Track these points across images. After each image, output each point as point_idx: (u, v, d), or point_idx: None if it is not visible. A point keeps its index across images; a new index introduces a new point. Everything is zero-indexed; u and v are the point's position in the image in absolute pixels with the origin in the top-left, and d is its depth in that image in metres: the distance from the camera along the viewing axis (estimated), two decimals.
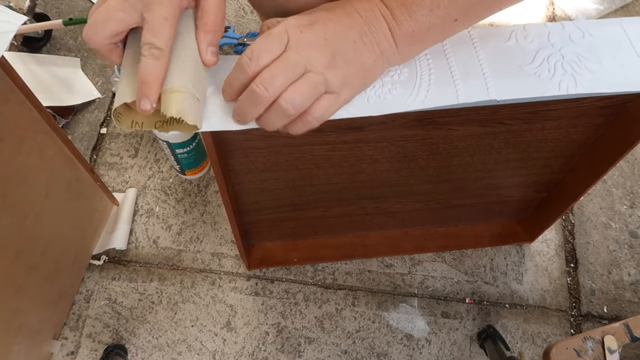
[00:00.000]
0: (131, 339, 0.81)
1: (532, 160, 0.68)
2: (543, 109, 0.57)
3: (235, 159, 0.59)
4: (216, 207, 0.92)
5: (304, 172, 0.64)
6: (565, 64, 0.45)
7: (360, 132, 0.57)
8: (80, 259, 0.84)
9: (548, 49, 0.46)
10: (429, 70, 0.45)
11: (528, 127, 0.60)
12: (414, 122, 0.57)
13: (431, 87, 0.44)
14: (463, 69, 0.45)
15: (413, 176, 0.69)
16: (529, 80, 0.45)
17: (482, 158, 0.66)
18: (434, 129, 0.59)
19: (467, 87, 0.44)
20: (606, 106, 0.57)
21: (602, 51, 0.46)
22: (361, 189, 0.70)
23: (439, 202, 0.77)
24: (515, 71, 0.45)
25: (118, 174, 0.95)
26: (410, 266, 0.88)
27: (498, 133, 0.61)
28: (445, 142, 0.61)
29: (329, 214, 0.77)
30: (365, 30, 0.40)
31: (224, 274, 0.87)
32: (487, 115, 0.57)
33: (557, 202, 0.77)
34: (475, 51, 0.46)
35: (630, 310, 0.86)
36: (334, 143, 0.59)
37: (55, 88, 0.97)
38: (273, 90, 0.38)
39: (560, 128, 0.61)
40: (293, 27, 0.39)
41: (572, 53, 0.46)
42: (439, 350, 0.82)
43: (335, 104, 0.41)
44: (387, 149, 0.61)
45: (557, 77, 0.45)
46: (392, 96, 0.44)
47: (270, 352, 0.81)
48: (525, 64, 0.45)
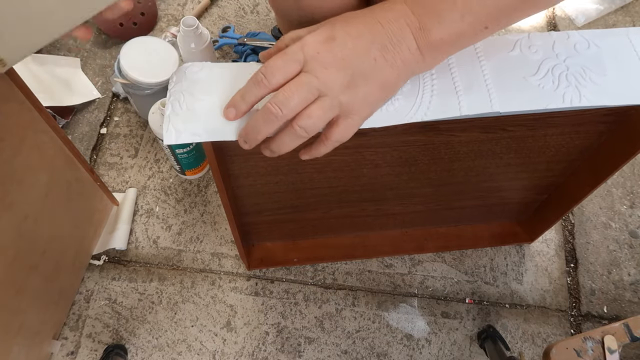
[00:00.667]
0: (131, 339, 0.81)
1: (534, 164, 0.68)
2: (546, 116, 0.57)
3: (235, 164, 0.59)
4: (216, 207, 0.92)
5: (304, 175, 0.64)
6: (569, 76, 0.45)
7: (361, 137, 0.57)
8: (80, 259, 0.84)
9: (552, 60, 0.46)
10: (431, 81, 0.44)
11: (531, 134, 0.60)
12: (415, 129, 0.56)
13: (434, 99, 0.43)
14: (466, 80, 0.44)
15: (414, 180, 0.69)
16: (533, 92, 0.44)
17: (484, 162, 0.66)
18: (435, 135, 0.58)
19: (470, 99, 0.43)
20: (609, 114, 0.57)
21: (607, 62, 0.46)
22: (362, 192, 0.70)
23: (439, 204, 0.77)
24: (519, 83, 0.44)
25: (118, 174, 0.95)
26: (410, 266, 0.88)
27: (500, 139, 0.60)
28: (447, 147, 0.61)
29: (329, 215, 0.77)
30: (387, 44, 0.38)
31: (224, 274, 0.87)
32: (490, 122, 0.57)
33: (558, 205, 0.77)
34: (479, 62, 0.45)
35: (630, 310, 0.86)
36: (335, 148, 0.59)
37: (55, 88, 0.97)
38: (287, 111, 0.38)
39: (562, 134, 0.61)
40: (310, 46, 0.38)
41: (576, 64, 0.45)
42: (439, 351, 0.82)
43: (353, 125, 0.41)
44: (388, 154, 0.61)
45: (561, 89, 0.44)
46: (394, 108, 0.43)
47: (270, 352, 0.81)
48: (529, 75, 0.45)
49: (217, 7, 1.16)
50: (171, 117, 0.43)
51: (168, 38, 1.04)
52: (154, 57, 0.85)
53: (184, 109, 0.43)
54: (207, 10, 1.15)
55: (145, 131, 0.99)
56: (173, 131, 0.42)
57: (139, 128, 1.00)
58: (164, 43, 0.87)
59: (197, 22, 0.86)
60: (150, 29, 1.10)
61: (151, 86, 0.85)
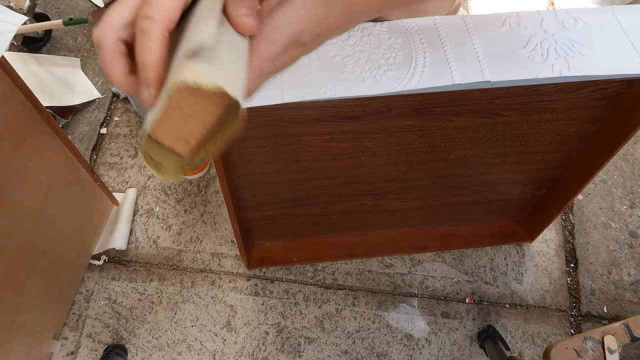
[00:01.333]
0: (131, 339, 0.81)
1: (530, 154, 0.68)
2: (538, 100, 0.57)
3: (234, 149, 0.59)
4: (216, 207, 0.93)
5: (303, 164, 0.64)
6: (558, 49, 0.46)
7: (358, 121, 0.57)
8: (80, 259, 0.84)
9: (541, 35, 0.47)
10: (424, 53, 0.45)
11: (525, 119, 0.61)
12: (410, 112, 0.57)
13: (426, 69, 0.44)
14: (458, 52, 0.45)
15: (411, 171, 0.69)
16: (523, 63, 0.45)
17: (480, 152, 0.66)
18: (430, 120, 0.59)
19: (462, 69, 0.44)
20: (601, 98, 0.58)
21: (594, 37, 0.47)
22: (360, 184, 0.71)
23: (438, 199, 0.78)
24: (509, 54, 0.45)
25: (118, 174, 0.95)
26: (410, 266, 0.88)
27: (495, 125, 0.61)
28: (442, 134, 0.62)
29: (329, 211, 0.77)
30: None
31: (224, 274, 0.87)
32: (484, 106, 0.57)
33: (556, 200, 0.77)
34: (469, 36, 0.46)
35: (630, 310, 0.86)
36: (332, 133, 0.59)
37: (55, 88, 0.97)
38: None
39: (556, 120, 0.61)
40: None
41: (564, 38, 0.47)
42: (439, 350, 0.82)
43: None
44: (385, 141, 0.62)
45: (550, 60, 0.45)
46: (387, 77, 0.44)
47: (270, 352, 0.81)
48: (519, 48, 0.46)
49: None
50: None
51: None
52: None
53: None
54: None
55: None
56: None
57: (139, 128, 1.00)
58: None
59: None
60: None
61: None
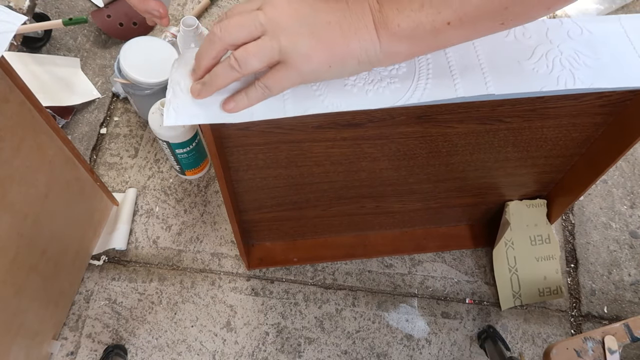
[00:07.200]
0: (131, 339, 0.81)
1: (532, 159, 0.68)
2: (542, 107, 0.57)
3: (234, 156, 0.59)
4: (216, 207, 0.92)
5: (303, 169, 0.64)
6: (563, 60, 0.45)
7: (359, 129, 0.57)
8: (80, 259, 0.84)
9: (546, 45, 0.46)
10: (427, 64, 0.45)
11: (528, 125, 0.60)
12: (413, 120, 0.57)
13: (429, 82, 0.44)
14: (461, 64, 0.45)
15: (412, 175, 0.69)
16: (528, 75, 0.45)
17: (482, 157, 0.66)
18: (433, 127, 0.58)
19: (466, 81, 0.44)
20: (605, 105, 0.57)
21: (600, 47, 0.46)
22: (361, 188, 0.70)
23: (439, 201, 0.77)
24: (513, 66, 0.45)
25: (118, 174, 0.95)
26: (410, 266, 0.88)
27: (498, 131, 0.61)
28: (444, 140, 0.61)
29: (329, 213, 0.77)
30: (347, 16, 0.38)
31: (224, 274, 0.87)
32: (487, 113, 0.57)
33: (557, 203, 0.77)
34: (473, 47, 0.46)
35: (630, 310, 0.86)
36: (333, 140, 0.59)
37: (55, 88, 0.97)
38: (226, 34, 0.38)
39: (559, 127, 0.61)
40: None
41: (570, 49, 0.46)
42: (439, 351, 0.82)
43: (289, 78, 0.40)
44: (386, 147, 0.61)
45: (555, 72, 0.45)
46: (390, 90, 0.44)
47: (270, 353, 0.81)
48: (523, 60, 0.45)
49: (217, 7, 1.16)
50: (171, 100, 0.43)
51: (168, 38, 1.04)
52: (153, 57, 0.85)
53: (184, 92, 0.43)
54: (207, 10, 1.15)
55: (145, 131, 0.99)
56: (173, 113, 0.43)
57: (139, 128, 1.00)
58: (164, 43, 0.87)
59: (197, 22, 0.86)
60: (150, 29, 1.10)
61: (151, 86, 0.85)
